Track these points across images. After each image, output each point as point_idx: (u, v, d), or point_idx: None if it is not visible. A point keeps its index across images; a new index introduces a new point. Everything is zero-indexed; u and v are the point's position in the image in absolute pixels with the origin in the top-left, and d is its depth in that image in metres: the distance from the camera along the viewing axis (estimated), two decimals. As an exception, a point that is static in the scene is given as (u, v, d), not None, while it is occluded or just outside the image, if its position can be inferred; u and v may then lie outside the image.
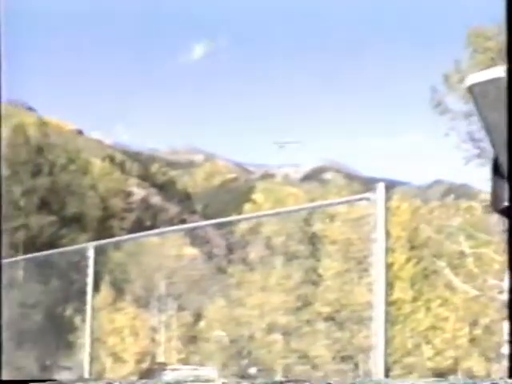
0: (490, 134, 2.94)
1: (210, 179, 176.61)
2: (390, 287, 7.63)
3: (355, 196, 10.12)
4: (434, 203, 38.37)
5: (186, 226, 23.33)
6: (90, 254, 10.70)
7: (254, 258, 37.54)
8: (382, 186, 7.63)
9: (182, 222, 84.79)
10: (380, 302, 7.35)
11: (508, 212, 3.04)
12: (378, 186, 7.63)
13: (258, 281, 36.58)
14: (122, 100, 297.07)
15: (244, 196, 52.86)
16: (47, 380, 9.24)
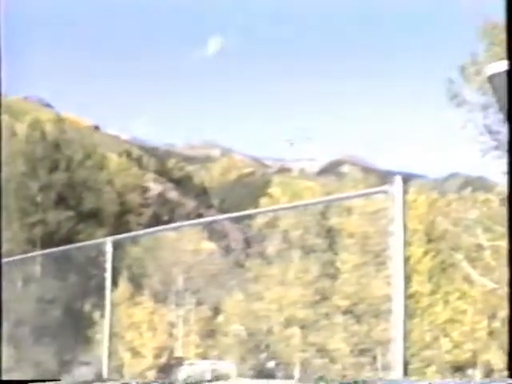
0: (510, 124, 2.93)
1: (227, 174, 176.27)
2: (407, 280, 7.54)
3: (372, 189, 10.08)
4: (451, 196, 38.09)
5: (204, 220, 22.90)
6: (108, 248, 10.68)
7: (271, 252, 37.55)
8: (399, 179, 7.59)
9: (199, 216, 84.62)
10: (398, 296, 7.32)
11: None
12: (396, 179, 7.59)
13: (275, 275, 36.58)
14: (139, 96, 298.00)
15: (260, 190, 52.74)
16: (47, 380, 9.26)
